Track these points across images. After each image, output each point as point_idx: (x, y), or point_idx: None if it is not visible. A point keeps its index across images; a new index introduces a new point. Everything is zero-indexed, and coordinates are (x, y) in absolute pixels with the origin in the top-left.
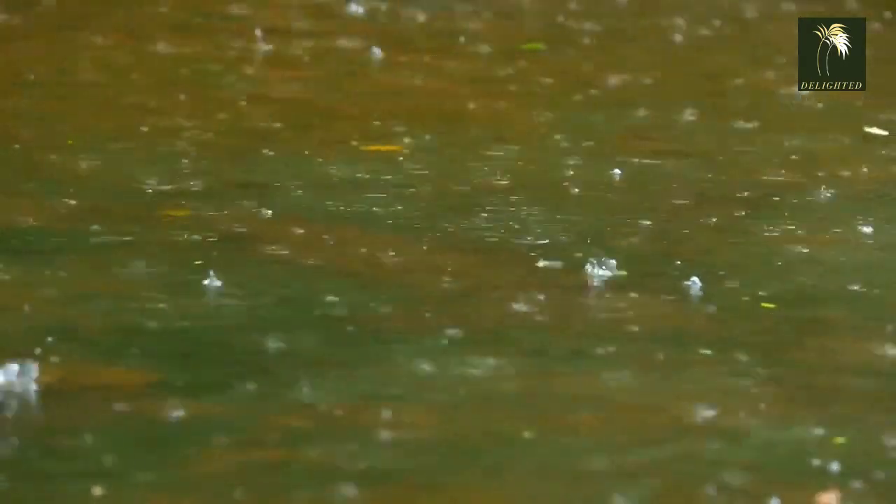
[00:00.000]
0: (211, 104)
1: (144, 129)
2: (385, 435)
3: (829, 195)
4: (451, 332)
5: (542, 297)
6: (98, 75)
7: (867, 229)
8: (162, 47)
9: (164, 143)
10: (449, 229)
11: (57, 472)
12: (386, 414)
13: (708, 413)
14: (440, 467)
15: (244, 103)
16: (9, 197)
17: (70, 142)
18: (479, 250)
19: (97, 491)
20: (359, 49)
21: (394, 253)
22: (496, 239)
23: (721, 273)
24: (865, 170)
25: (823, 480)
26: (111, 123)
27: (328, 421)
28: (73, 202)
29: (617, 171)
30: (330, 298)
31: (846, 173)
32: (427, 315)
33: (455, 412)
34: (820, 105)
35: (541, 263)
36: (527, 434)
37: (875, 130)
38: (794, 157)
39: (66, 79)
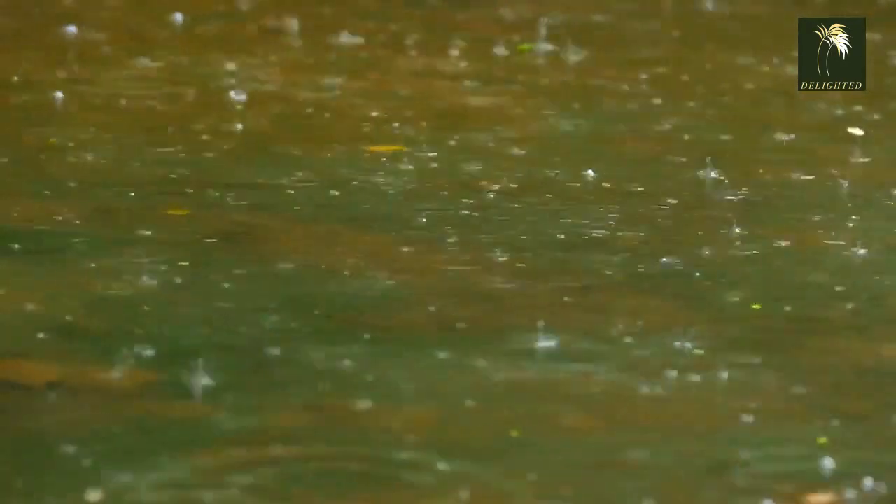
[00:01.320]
0: (210, 103)
1: (144, 127)
2: (385, 435)
3: (825, 195)
4: (451, 331)
5: (540, 296)
6: (96, 73)
7: (865, 228)
8: (162, 45)
9: (164, 141)
10: (449, 229)
11: (56, 473)
12: (386, 413)
13: (704, 413)
14: (440, 467)
15: (243, 104)
16: (9, 197)
17: (52, 140)
18: (479, 250)
19: (97, 490)
20: (358, 48)
21: (394, 253)
22: (495, 239)
23: (719, 273)
24: (859, 169)
25: (821, 481)
26: (111, 122)
27: (329, 421)
28: (72, 202)
29: (591, 171)
30: (330, 298)
31: (842, 173)
32: (427, 315)
33: (454, 412)
34: (814, 104)
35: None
36: (525, 434)
37: (855, 131)
38: (790, 156)
39: (63, 78)
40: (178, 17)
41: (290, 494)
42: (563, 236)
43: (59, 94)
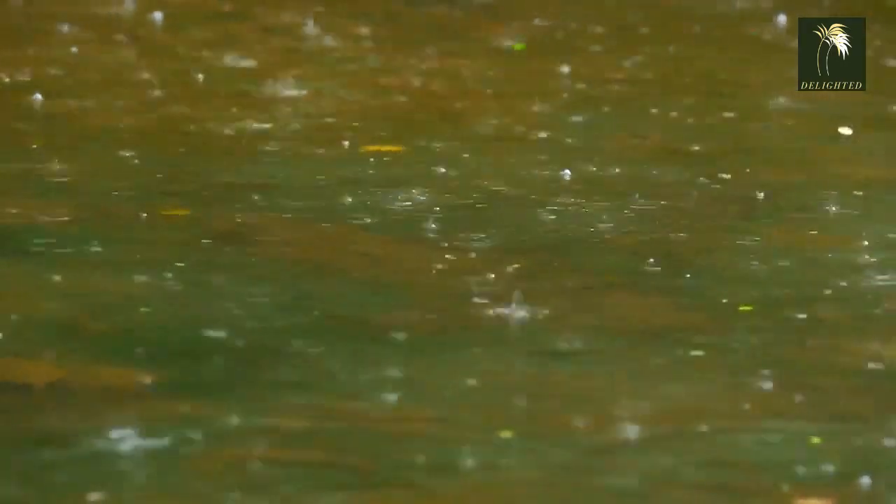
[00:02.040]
0: (209, 104)
1: (143, 127)
2: (383, 435)
3: (823, 195)
4: (449, 331)
5: (539, 296)
6: (99, 75)
7: (864, 228)
8: (161, 44)
9: (163, 141)
10: (448, 229)
11: (56, 473)
12: (385, 413)
13: (702, 413)
14: (438, 467)
15: (242, 103)
16: (8, 197)
17: (34, 145)
18: (479, 250)
19: (97, 490)
20: (357, 48)
21: (393, 253)
22: (495, 239)
23: (717, 273)
24: (857, 169)
25: (819, 482)
26: (109, 122)
27: (327, 420)
28: (72, 202)
29: (567, 171)
30: (329, 298)
31: (839, 173)
32: (426, 315)
33: (453, 412)
34: (813, 103)
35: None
36: (523, 434)
37: (844, 130)
38: (790, 156)
39: (68, 79)
40: (158, 15)
41: (290, 494)
42: (562, 236)
43: (55, 94)
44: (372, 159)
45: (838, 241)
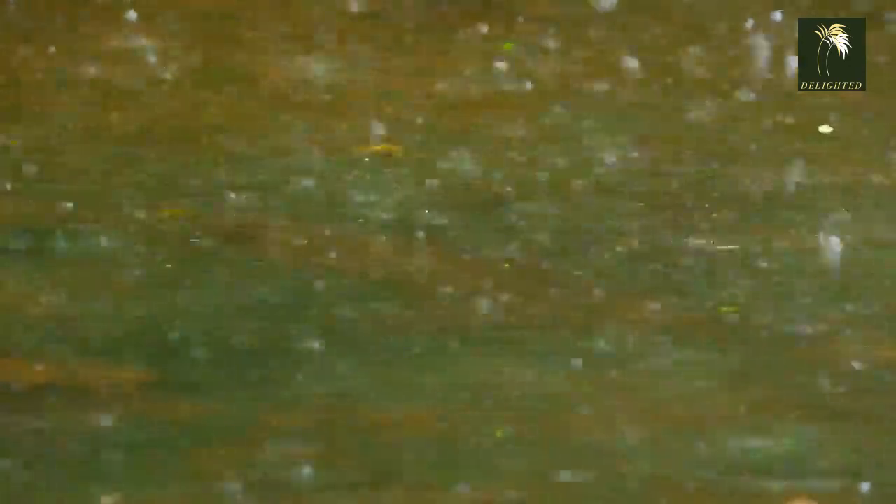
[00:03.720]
0: (207, 103)
1: (142, 126)
2: (383, 435)
3: (819, 195)
4: (448, 331)
5: (537, 297)
6: (99, 71)
7: (859, 228)
8: (157, 41)
9: (162, 141)
10: (445, 229)
11: (56, 473)
12: (384, 414)
13: (697, 414)
14: (437, 467)
15: (241, 102)
16: (8, 197)
17: (14, 143)
18: (476, 250)
19: (96, 490)
20: (356, 49)
21: (392, 253)
22: (492, 238)
23: (713, 273)
24: (853, 168)
25: (812, 483)
26: (110, 121)
27: (327, 421)
28: (69, 201)
29: (587, 171)
30: (327, 298)
31: (835, 173)
32: (424, 315)
33: (452, 412)
34: (809, 103)
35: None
36: (521, 435)
37: (824, 128)
38: (786, 156)
39: (66, 76)
40: (132, 14)
41: (288, 493)
42: (559, 236)
43: (53, 91)
44: (370, 159)
45: (833, 241)
